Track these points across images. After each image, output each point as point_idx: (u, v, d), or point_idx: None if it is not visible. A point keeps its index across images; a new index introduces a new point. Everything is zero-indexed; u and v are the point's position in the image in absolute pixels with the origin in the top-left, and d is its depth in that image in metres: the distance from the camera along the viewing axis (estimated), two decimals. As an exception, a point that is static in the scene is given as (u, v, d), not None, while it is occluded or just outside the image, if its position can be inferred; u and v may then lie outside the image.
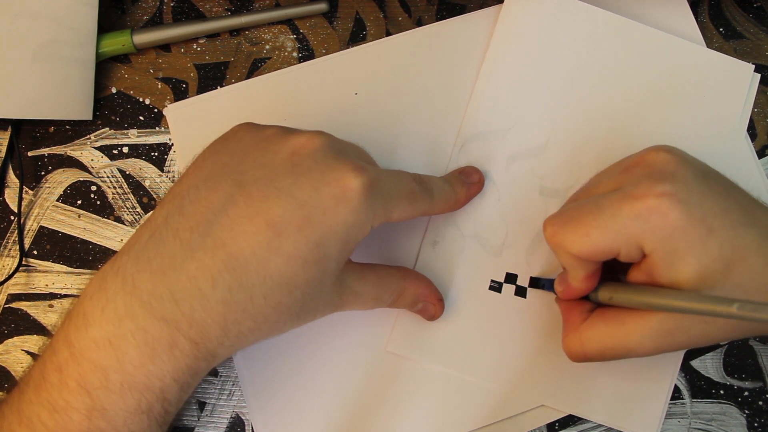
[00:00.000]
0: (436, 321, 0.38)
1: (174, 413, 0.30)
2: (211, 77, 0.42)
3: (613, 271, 0.35)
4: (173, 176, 0.42)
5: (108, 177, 0.42)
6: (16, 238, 0.41)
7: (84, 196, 0.42)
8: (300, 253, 0.29)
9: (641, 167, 0.32)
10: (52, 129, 0.42)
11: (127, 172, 0.42)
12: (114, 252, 0.40)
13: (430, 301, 0.37)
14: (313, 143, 0.31)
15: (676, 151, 0.33)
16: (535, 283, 0.39)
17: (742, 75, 0.40)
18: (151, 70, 0.43)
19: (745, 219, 0.31)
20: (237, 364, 0.39)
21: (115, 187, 0.42)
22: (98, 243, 0.41)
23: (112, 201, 0.42)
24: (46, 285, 0.41)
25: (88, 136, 0.42)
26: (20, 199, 0.41)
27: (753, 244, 0.30)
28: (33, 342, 0.41)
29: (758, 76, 0.41)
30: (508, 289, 0.39)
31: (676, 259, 0.30)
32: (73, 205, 0.42)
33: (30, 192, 0.42)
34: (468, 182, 0.39)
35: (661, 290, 0.30)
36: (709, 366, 0.39)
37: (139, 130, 0.42)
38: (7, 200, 0.42)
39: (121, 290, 0.28)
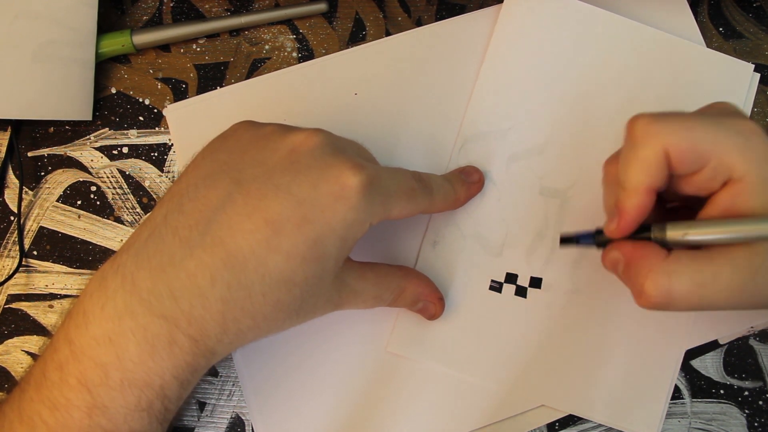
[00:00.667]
0: (436, 321, 0.38)
1: (174, 411, 0.30)
2: (211, 77, 0.42)
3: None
4: (173, 176, 0.42)
5: (108, 177, 0.42)
6: (16, 239, 0.41)
7: (84, 197, 0.42)
8: (298, 250, 0.29)
9: (716, 108, 0.32)
10: (51, 129, 0.42)
11: (127, 173, 0.42)
12: (114, 252, 0.40)
13: (430, 300, 0.37)
14: (311, 141, 0.31)
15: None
16: (567, 239, 0.34)
17: (742, 74, 0.40)
18: (151, 71, 0.43)
19: None
20: (237, 364, 0.39)
21: (114, 188, 0.42)
22: (98, 243, 0.41)
23: (111, 201, 0.42)
24: (46, 285, 0.41)
25: (88, 137, 0.42)
26: (20, 199, 0.41)
27: None
28: (33, 342, 0.41)
29: (758, 75, 0.41)
30: (509, 289, 0.39)
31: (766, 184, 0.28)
32: (73, 205, 0.42)
33: (30, 192, 0.42)
34: (468, 181, 0.39)
35: (749, 218, 0.28)
36: (709, 366, 0.39)
37: (138, 131, 0.42)
38: (7, 200, 0.42)
39: (121, 288, 0.28)
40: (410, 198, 0.33)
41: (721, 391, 0.39)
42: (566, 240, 0.34)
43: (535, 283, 0.39)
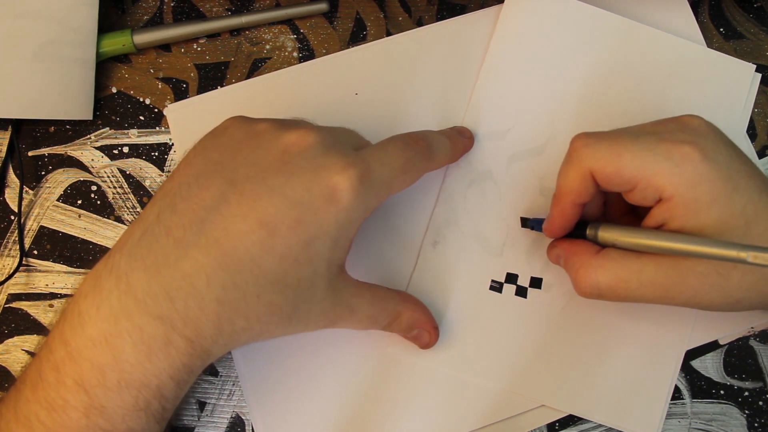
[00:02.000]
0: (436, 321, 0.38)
1: (171, 410, 0.30)
2: (212, 77, 0.42)
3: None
4: (173, 176, 0.42)
5: (108, 177, 0.42)
6: (17, 238, 0.41)
7: (84, 196, 0.42)
8: (291, 252, 0.29)
9: (675, 123, 0.33)
10: (52, 129, 0.42)
11: (128, 172, 0.42)
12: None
13: (425, 328, 0.37)
14: (304, 141, 0.31)
15: (706, 120, 0.33)
16: (525, 222, 0.39)
17: (743, 75, 0.40)
18: (152, 70, 0.43)
19: (766, 187, 0.31)
20: (237, 363, 0.39)
21: (115, 187, 0.42)
22: (98, 243, 0.41)
23: (112, 201, 0.42)
24: (47, 285, 0.41)
25: (89, 136, 0.42)
26: (20, 198, 0.41)
27: None
28: (33, 342, 0.41)
29: (759, 75, 0.41)
30: (509, 289, 0.39)
31: (699, 207, 0.30)
32: (73, 204, 0.42)
33: (30, 192, 0.42)
34: (462, 136, 0.39)
35: (672, 234, 0.31)
36: (709, 366, 0.39)
37: (139, 130, 0.42)
38: (8, 200, 0.42)
39: (116, 289, 0.28)
40: (406, 170, 0.33)
41: (721, 392, 0.39)
42: (524, 223, 0.39)
43: (536, 283, 0.39)
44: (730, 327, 0.39)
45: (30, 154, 0.42)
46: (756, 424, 0.39)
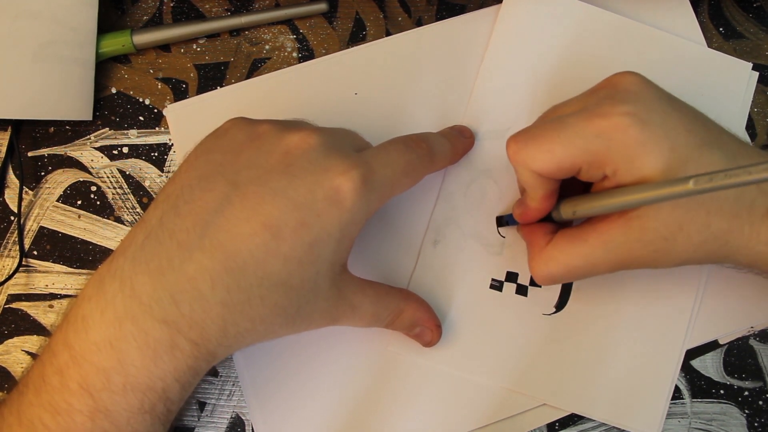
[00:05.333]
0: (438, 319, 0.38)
1: (176, 411, 0.30)
2: (211, 77, 0.42)
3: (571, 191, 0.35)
4: (173, 176, 0.42)
5: (108, 177, 0.42)
6: (16, 239, 0.41)
7: (84, 197, 0.42)
8: (295, 254, 0.29)
9: (606, 89, 0.33)
10: (52, 129, 0.42)
11: (127, 173, 0.42)
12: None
13: (427, 326, 0.37)
14: (306, 142, 0.31)
15: (641, 75, 0.33)
16: (500, 221, 0.39)
17: (741, 74, 0.40)
18: (151, 71, 0.43)
19: (709, 139, 0.31)
20: (237, 364, 0.39)
21: (115, 188, 0.42)
22: (98, 243, 0.41)
23: (112, 201, 0.42)
24: (46, 285, 0.41)
25: (88, 137, 0.42)
26: (20, 199, 0.41)
27: (718, 163, 0.30)
28: (33, 342, 0.41)
29: (756, 74, 0.41)
30: (509, 287, 0.39)
31: (641, 173, 0.30)
32: (73, 205, 0.42)
33: (30, 192, 0.42)
34: (462, 137, 0.39)
35: (620, 189, 0.31)
36: (709, 366, 0.39)
37: (139, 131, 0.42)
38: (7, 200, 0.42)
39: (120, 292, 0.28)
40: (407, 173, 0.33)
41: (721, 391, 0.39)
42: (500, 222, 0.39)
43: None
44: (730, 326, 0.39)
45: (30, 154, 0.42)
46: (756, 424, 0.39)
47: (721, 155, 0.30)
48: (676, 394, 0.39)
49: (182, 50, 0.43)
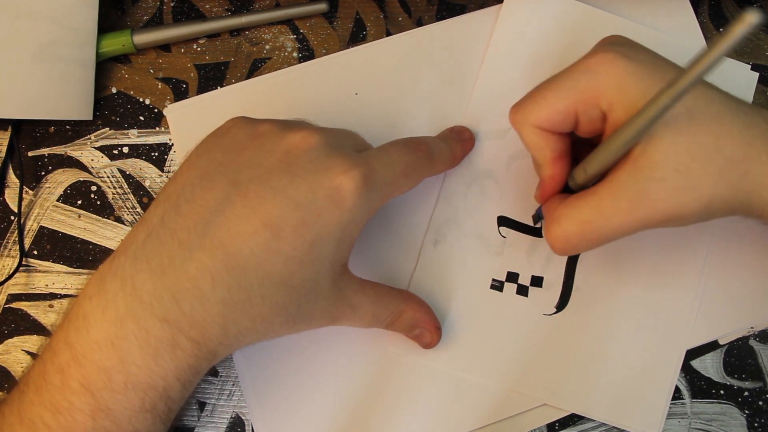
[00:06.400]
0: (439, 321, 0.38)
1: (176, 410, 0.30)
2: (211, 77, 0.42)
3: None
4: (173, 176, 0.42)
5: (108, 177, 0.42)
6: (16, 238, 0.41)
7: (84, 196, 0.42)
8: (296, 253, 0.29)
9: (596, 46, 0.34)
10: (52, 129, 0.42)
11: (127, 172, 0.42)
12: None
13: (427, 328, 0.37)
14: (307, 142, 0.31)
15: (624, 36, 0.34)
16: (536, 219, 0.38)
17: (740, 75, 0.41)
18: (151, 70, 0.43)
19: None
20: (237, 364, 0.39)
21: (115, 187, 0.42)
22: (98, 243, 0.41)
23: (112, 201, 0.42)
24: (46, 285, 0.41)
25: (88, 136, 0.42)
26: (20, 199, 0.41)
27: (716, 98, 0.31)
28: (33, 342, 0.41)
29: (756, 75, 0.41)
30: (510, 288, 0.39)
31: (637, 100, 0.29)
32: (73, 205, 0.42)
33: (30, 192, 0.42)
34: (461, 139, 0.39)
35: (621, 127, 0.29)
36: (709, 366, 0.39)
37: (139, 130, 0.42)
38: (7, 200, 0.42)
39: (121, 291, 0.28)
40: (408, 174, 0.33)
41: (721, 392, 0.39)
42: (536, 220, 0.38)
43: (537, 282, 0.39)
44: (730, 327, 0.39)
45: (30, 154, 0.42)
46: (756, 424, 0.39)
47: (713, 92, 0.31)
48: (676, 395, 0.39)
49: (182, 50, 0.43)
